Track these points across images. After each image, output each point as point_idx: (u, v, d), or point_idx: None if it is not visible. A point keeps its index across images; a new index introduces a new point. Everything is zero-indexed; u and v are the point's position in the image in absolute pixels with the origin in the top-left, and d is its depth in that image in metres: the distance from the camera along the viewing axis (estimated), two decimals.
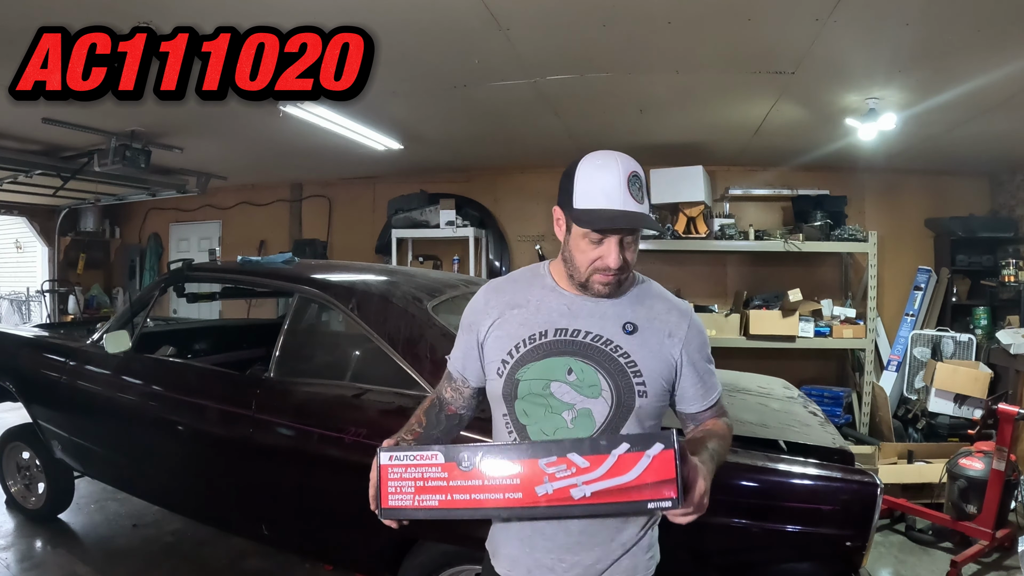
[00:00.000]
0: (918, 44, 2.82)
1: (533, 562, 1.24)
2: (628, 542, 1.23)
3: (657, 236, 4.82)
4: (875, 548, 3.30)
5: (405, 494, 1.11)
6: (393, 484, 1.12)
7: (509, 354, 1.24)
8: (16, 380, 3.35)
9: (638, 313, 1.25)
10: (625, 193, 1.14)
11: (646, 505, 1.03)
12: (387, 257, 6.02)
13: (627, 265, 1.20)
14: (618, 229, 1.16)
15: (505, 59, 3.15)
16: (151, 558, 3.10)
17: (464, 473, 1.09)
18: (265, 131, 4.51)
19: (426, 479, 1.10)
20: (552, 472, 1.05)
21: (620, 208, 1.14)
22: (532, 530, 1.24)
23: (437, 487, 1.10)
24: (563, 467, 1.05)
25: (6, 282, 8.32)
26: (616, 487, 1.03)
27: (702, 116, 4.21)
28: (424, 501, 1.10)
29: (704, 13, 2.64)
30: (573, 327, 1.23)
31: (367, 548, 2.24)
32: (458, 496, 1.08)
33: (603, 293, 1.22)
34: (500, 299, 1.30)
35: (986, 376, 4.32)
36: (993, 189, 5.48)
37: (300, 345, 2.72)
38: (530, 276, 1.33)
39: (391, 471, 1.12)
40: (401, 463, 1.12)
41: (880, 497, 1.68)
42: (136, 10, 2.58)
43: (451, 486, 1.09)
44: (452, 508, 1.09)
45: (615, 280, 1.20)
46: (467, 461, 1.09)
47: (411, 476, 1.11)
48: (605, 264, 1.18)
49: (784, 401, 2.59)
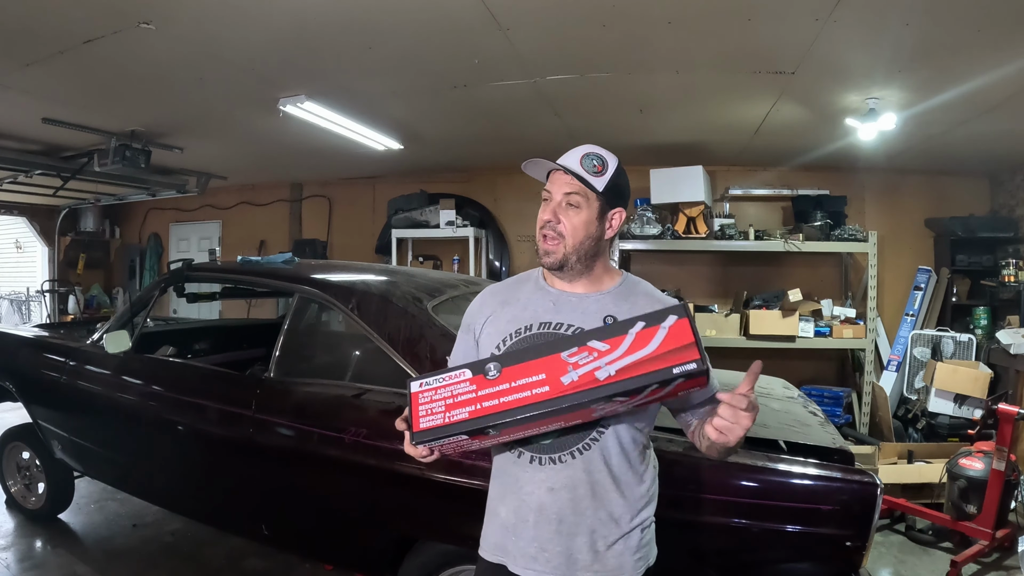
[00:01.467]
0: (918, 44, 2.82)
1: (518, 551, 1.28)
2: (613, 538, 1.25)
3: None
4: (875, 548, 3.30)
5: (435, 414, 1.13)
6: (424, 408, 1.14)
7: (497, 347, 1.30)
8: (16, 380, 3.35)
9: (620, 308, 1.29)
10: (576, 161, 1.28)
11: (671, 371, 1.04)
12: (387, 257, 6.01)
13: (564, 225, 1.27)
14: (558, 182, 1.28)
15: (505, 59, 3.15)
16: (151, 558, 3.10)
17: (491, 381, 1.11)
18: (265, 131, 4.51)
19: (455, 395, 1.13)
20: (575, 361, 1.08)
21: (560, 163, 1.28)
22: (516, 518, 1.28)
23: (467, 400, 1.12)
24: (584, 354, 1.08)
25: (6, 282, 8.31)
26: (638, 360, 1.06)
27: (702, 116, 4.21)
28: (455, 416, 1.12)
29: (704, 13, 2.64)
30: (556, 320, 1.29)
31: (367, 548, 2.24)
32: (487, 404, 1.10)
33: (547, 264, 1.31)
34: (494, 300, 1.41)
35: (986, 376, 4.32)
36: (993, 189, 5.47)
37: (300, 345, 2.72)
38: (524, 278, 1.43)
39: (422, 396, 1.15)
40: (431, 387, 1.15)
41: (880, 497, 1.68)
42: (136, 10, 2.58)
43: (480, 395, 1.11)
44: (482, 416, 1.10)
45: (552, 247, 1.28)
46: (494, 370, 1.12)
47: (441, 397, 1.13)
48: (542, 220, 1.29)
49: (784, 401, 2.59)
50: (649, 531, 1.32)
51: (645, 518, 1.30)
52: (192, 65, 3.23)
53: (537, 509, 1.25)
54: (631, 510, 1.27)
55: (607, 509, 1.25)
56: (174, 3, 2.53)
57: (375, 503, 2.13)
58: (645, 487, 1.30)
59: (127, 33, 2.76)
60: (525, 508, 1.26)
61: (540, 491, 1.25)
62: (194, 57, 3.12)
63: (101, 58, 3.06)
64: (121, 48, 2.94)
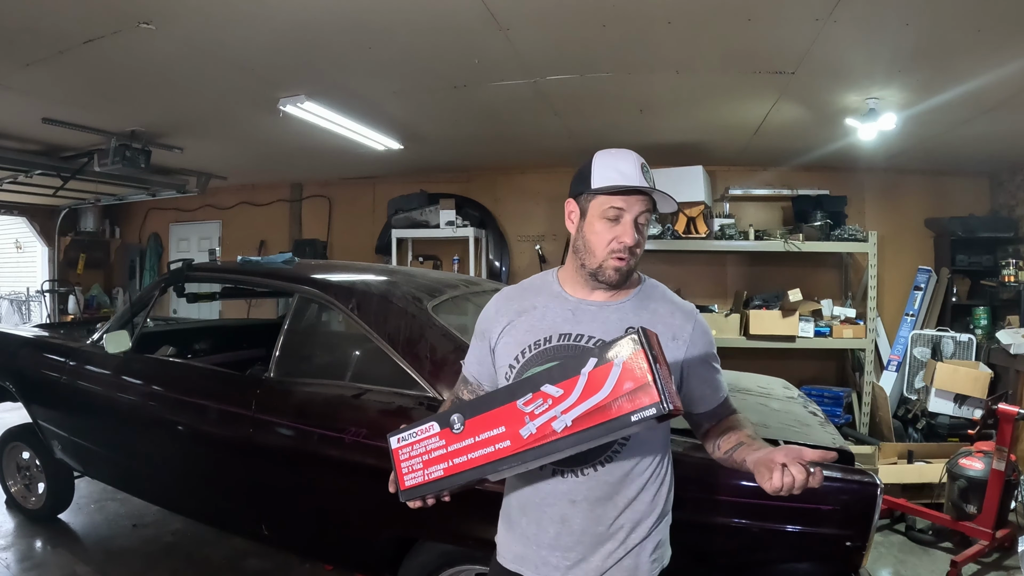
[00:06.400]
0: (918, 44, 2.82)
1: (539, 560, 1.26)
2: (632, 543, 1.24)
3: (671, 215, 4.83)
4: (875, 548, 3.30)
5: (416, 471, 1.12)
6: (405, 465, 1.13)
7: (516, 359, 1.27)
8: (16, 380, 3.35)
9: (641, 317, 1.26)
10: (639, 173, 1.21)
11: (630, 419, 0.93)
12: (387, 257, 6.02)
13: (639, 245, 1.23)
14: (634, 199, 1.21)
15: (505, 59, 3.15)
16: (151, 558, 3.10)
17: (457, 436, 1.08)
18: (265, 131, 4.51)
19: (429, 451, 1.11)
20: (531, 410, 1.01)
21: (636, 183, 1.20)
22: (537, 528, 1.26)
23: (440, 456, 1.10)
24: (539, 402, 1.00)
25: (6, 282, 8.30)
26: (594, 407, 0.95)
27: (702, 116, 4.21)
28: (432, 474, 1.10)
29: (704, 13, 2.64)
30: (576, 332, 1.25)
31: (367, 548, 2.24)
32: (458, 460, 1.08)
33: (614, 280, 1.25)
34: (510, 306, 1.35)
35: (986, 376, 4.32)
36: (993, 189, 5.47)
37: (300, 345, 2.72)
38: (539, 283, 1.38)
39: (401, 452, 1.13)
40: (407, 442, 1.13)
41: (880, 497, 1.68)
42: (136, 10, 2.58)
43: (450, 451, 1.09)
44: (455, 474, 1.09)
45: (627, 265, 1.23)
46: (458, 423, 1.08)
47: (418, 452, 1.12)
48: (621, 242, 1.22)
49: (784, 401, 2.59)
50: (666, 529, 1.31)
51: (664, 520, 1.30)
52: (192, 65, 3.23)
53: (560, 521, 1.24)
54: (652, 515, 1.26)
55: (629, 516, 1.24)
56: (174, 3, 2.53)
57: (375, 503, 2.12)
58: (665, 489, 1.30)
59: (127, 33, 2.76)
60: (547, 520, 1.25)
61: (562, 503, 1.23)
62: (194, 57, 3.12)
63: (101, 58, 3.06)
64: (121, 48, 2.94)
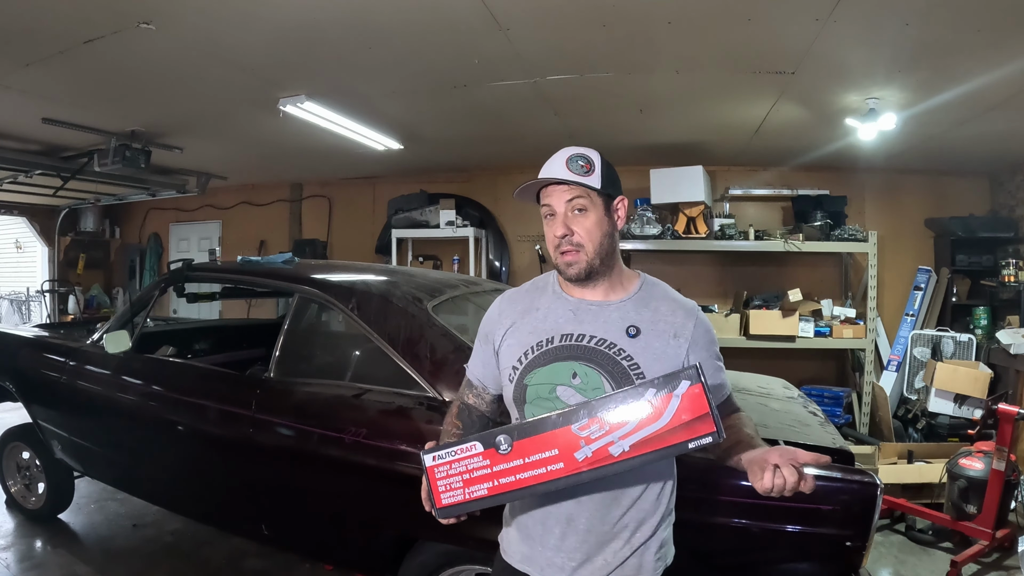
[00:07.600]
0: (918, 44, 2.82)
1: (545, 560, 1.26)
2: (637, 542, 1.24)
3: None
4: (875, 548, 3.30)
5: (455, 489, 1.13)
6: (442, 483, 1.13)
7: (519, 360, 1.28)
8: (16, 380, 3.35)
9: (642, 316, 1.26)
10: (562, 167, 1.23)
11: (687, 446, 1.03)
12: (387, 257, 6.02)
13: (584, 235, 1.24)
14: (555, 192, 1.24)
15: (505, 59, 3.15)
16: (151, 558, 3.10)
17: (504, 456, 1.10)
18: (265, 131, 4.51)
19: (471, 470, 1.12)
20: (587, 435, 1.06)
21: (556, 176, 1.23)
22: (543, 527, 1.26)
23: (483, 475, 1.11)
24: (595, 427, 1.06)
25: (6, 282, 8.31)
26: (653, 435, 1.04)
27: (702, 116, 4.21)
28: (474, 492, 1.12)
29: (704, 13, 2.64)
30: (578, 332, 1.26)
31: (367, 548, 2.24)
32: (504, 480, 1.10)
33: (572, 275, 1.26)
34: (513, 308, 1.36)
35: (986, 376, 4.32)
36: (993, 189, 5.47)
37: (300, 345, 2.72)
38: (541, 285, 1.38)
39: (437, 471, 1.14)
40: (445, 460, 1.14)
41: (880, 497, 1.68)
42: (136, 10, 2.58)
43: (496, 471, 1.11)
44: (502, 493, 1.11)
45: (576, 258, 1.24)
46: (505, 444, 1.10)
47: (457, 471, 1.13)
48: (556, 236, 1.24)
49: (784, 401, 2.59)
50: (669, 528, 1.31)
51: (668, 519, 1.30)
52: (192, 65, 3.23)
53: (566, 520, 1.24)
54: (656, 513, 1.26)
55: (634, 515, 1.24)
56: (174, 3, 2.53)
57: (375, 503, 2.13)
58: (669, 487, 1.30)
59: (127, 33, 2.76)
60: (552, 519, 1.25)
61: (568, 503, 1.23)
62: (194, 57, 3.12)
63: (101, 58, 3.06)
64: (121, 48, 2.94)
